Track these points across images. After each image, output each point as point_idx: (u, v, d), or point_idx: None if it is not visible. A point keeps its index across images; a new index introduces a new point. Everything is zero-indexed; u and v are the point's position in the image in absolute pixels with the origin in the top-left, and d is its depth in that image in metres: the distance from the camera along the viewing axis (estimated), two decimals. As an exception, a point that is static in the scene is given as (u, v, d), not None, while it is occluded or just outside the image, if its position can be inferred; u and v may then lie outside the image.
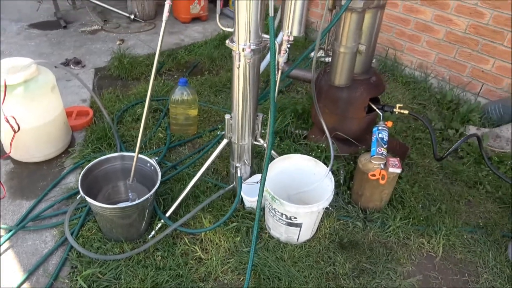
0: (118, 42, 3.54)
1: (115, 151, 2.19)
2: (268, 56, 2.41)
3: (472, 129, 2.58)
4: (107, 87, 2.89)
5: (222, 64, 3.22)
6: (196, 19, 4.05)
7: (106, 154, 1.88)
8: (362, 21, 1.78)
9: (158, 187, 1.72)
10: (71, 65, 3.14)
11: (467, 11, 2.78)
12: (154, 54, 3.34)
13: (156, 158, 1.92)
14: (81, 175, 1.71)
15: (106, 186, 1.91)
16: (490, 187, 2.18)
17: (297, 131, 2.39)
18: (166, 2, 1.39)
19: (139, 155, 1.81)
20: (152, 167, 1.83)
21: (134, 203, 1.62)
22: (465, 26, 2.82)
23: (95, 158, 1.85)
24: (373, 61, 3.25)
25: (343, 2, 1.67)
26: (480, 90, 2.89)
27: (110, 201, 1.89)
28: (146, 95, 2.73)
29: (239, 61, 1.52)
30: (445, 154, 1.89)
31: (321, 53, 1.99)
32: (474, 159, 2.33)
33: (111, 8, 4.02)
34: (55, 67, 2.36)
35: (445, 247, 1.84)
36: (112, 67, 3.10)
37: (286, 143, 2.26)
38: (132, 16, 3.93)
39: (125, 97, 2.75)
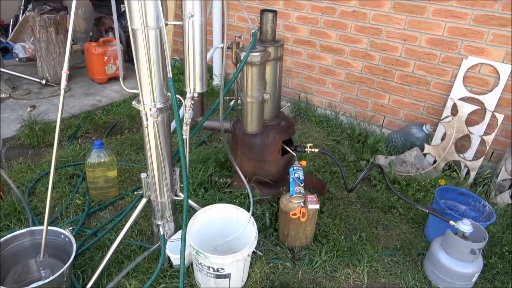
0: (28, 109, 3.38)
1: (27, 226, 2.03)
2: (180, 112, 2.47)
3: (381, 158, 2.82)
4: (17, 158, 2.71)
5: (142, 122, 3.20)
6: (113, 79, 4.03)
7: (16, 231, 1.73)
8: (264, 73, 1.92)
9: (77, 259, 1.62)
10: (-26, 138, 2.91)
11: (360, 55, 3.14)
12: (69, 118, 3.26)
13: (71, 228, 1.81)
14: (-17, 259, 1.56)
15: (15, 267, 1.74)
16: (402, 210, 2.37)
17: (221, 180, 2.42)
18: (63, 72, 1.38)
19: (51, 228, 1.70)
20: (67, 239, 1.72)
21: (45, 281, 1.50)
22: (360, 67, 3.17)
23: (2, 237, 1.69)
24: (288, 105, 3.49)
25: (242, 55, 1.81)
26: (383, 122, 3.21)
27: (20, 284, 1.72)
28: (61, 161, 2.62)
29: (147, 120, 1.54)
30: (353, 186, 2.04)
31: (234, 103, 2.10)
32: (385, 186, 2.54)
33: (20, 74, 3.86)
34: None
35: (370, 274, 1.94)
36: (22, 136, 2.93)
37: (210, 193, 2.27)
38: (44, 81, 3.80)
39: (38, 166, 2.60)
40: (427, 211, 2.04)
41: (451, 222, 1.85)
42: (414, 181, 2.56)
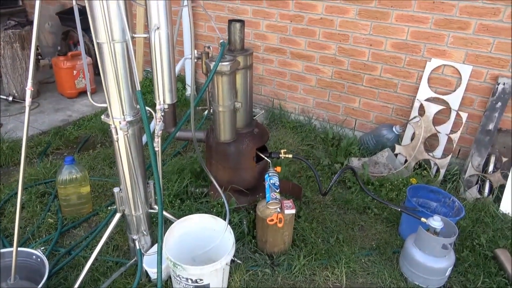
0: (-5, 128, 3.27)
1: (-4, 249, 1.96)
2: (152, 124, 2.46)
3: (354, 160, 2.88)
4: (-17, 178, 2.61)
5: (115, 135, 3.16)
6: (83, 93, 3.96)
7: (-17, 255, 1.67)
8: (234, 82, 1.94)
9: (50, 279, 1.57)
10: None
11: (329, 61, 3.21)
12: (39, 134, 3.18)
13: (43, 248, 1.76)
14: None
15: (-16, 292, 1.67)
16: (377, 210, 2.43)
17: (197, 190, 2.41)
18: (27, 88, 1.36)
19: (21, 249, 1.65)
20: (39, 259, 1.67)
21: (16, 305, 1.45)
22: (330, 73, 3.24)
23: (-32, 262, 1.63)
24: (262, 112, 3.52)
25: (211, 65, 1.83)
26: (355, 125, 3.29)
27: (-10, 310, 1.65)
28: (31, 180, 2.55)
29: (117, 134, 1.53)
30: (327, 189, 2.08)
31: (208, 112, 2.11)
32: (360, 187, 2.59)
33: (-16, 92, 3.74)
34: None
35: (348, 275, 1.97)
36: (-12, 156, 2.83)
37: (187, 204, 2.26)
38: (10, 98, 3.69)
39: (6, 186, 2.52)
40: (400, 210, 2.10)
41: (423, 219, 1.91)
42: (387, 181, 2.63)
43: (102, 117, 1.58)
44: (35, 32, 1.36)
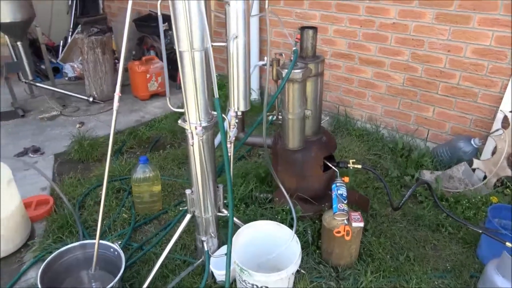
0: (77, 126, 3.57)
1: (78, 239, 2.13)
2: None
3: (426, 174, 2.72)
4: (68, 172, 2.85)
5: (183, 137, 3.29)
6: (155, 95, 4.18)
7: (68, 244, 1.82)
8: (304, 89, 1.92)
9: (125, 272, 1.67)
10: (30, 154, 3.10)
11: (401, 67, 3.07)
12: (115, 133, 3.39)
13: (119, 242, 1.88)
14: (40, 270, 1.65)
15: (68, 278, 1.82)
16: (452, 229, 2.26)
17: (261, 195, 2.43)
18: (115, 94, 1.46)
19: (102, 242, 1.77)
20: (116, 252, 1.79)
21: (97, 294, 1.55)
22: (402, 80, 3.10)
23: (57, 249, 1.79)
24: (327, 118, 3.45)
25: (283, 72, 1.83)
26: (427, 135, 3.10)
27: (73, 295, 1.79)
28: (109, 176, 2.73)
29: (193, 139, 1.58)
30: (400, 204, 1.97)
31: (273, 117, 2.11)
32: (433, 203, 2.43)
33: (69, 93, 4.09)
34: (13, 157, 2.34)
35: (418, 296, 1.86)
36: (72, 151, 3.09)
37: (251, 208, 2.28)
38: (91, 99, 4.01)
39: (87, 180, 2.73)
40: (480, 231, 1.94)
41: (508, 244, 1.74)
42: (463, 198, 2.44)
43: (179, 121, 1.64)
44: (125, 43, 1.45)
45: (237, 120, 1.55)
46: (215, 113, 1.62)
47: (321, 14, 3.40)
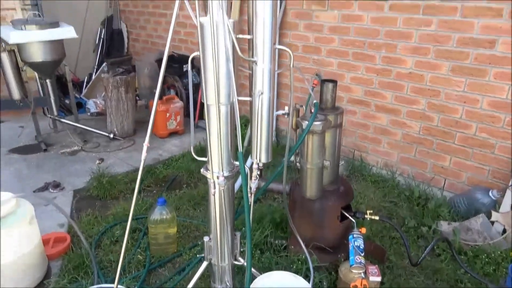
0: (97, 162, 3.66)
1: (93, 280, 2.14)
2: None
3: (443, 224, 2.68)
4: (85, 209, 2.90)
5: (199, 176, 3.34)
6: (173, 133, 4.29)
7: (82, 285, 1.83)
8: (324, 140, 1.97)
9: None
10: (50, 189, 3.18)
11: (417, 116, 3.11)
12: (133, 171, 3.47)
13: (134, 285, 1.88)
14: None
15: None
16: (471, 285, 2.20)
17: (276, 242, 2.42)
18: (144, 144, 1.52)
19: (120, 286, 1.78)
20: (131, 298, 1.79)
21: None
22: (418, 128, 3.13)
23: (71, 291, 1.80)
24: (342, 163, 3.47)
25: (304, 124, 1.88)
26: (444, 184, 3.09)
27: None
28: (125, 215, 2.77)
29: (214, 188, 1.62)
30: (419, 261, 1.94)
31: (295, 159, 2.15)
32: (451, 256, 2.39)
33: (91, 129, 4.23)
34: (34, 192, 2.40)
35: None
36: (91, 188, 3.15)
37: (266, 256, 2.27)
38: (112, 135, 4.13)
39: (104, 218, 2.76)
40: (501, 290, 1.89)
41: (532, 307, 1.69)
42: (482, 252, 2.39)
43: (202, 170, 1.69)
44: (159, 88, 1.54)
45: (258, 172, 1.59)
46: (237, 163, 1.67)
47: (338, 61, 3.51)
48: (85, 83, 5.69)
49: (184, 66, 4.81)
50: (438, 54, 2.88)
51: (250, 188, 1.61)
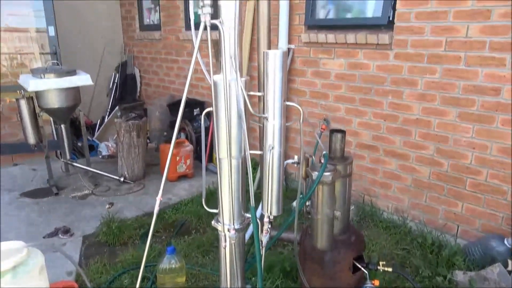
0: (107, 206, 3.67)
1: (99, 333, 2.09)
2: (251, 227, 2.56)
3: (459, 274, 2.60)
4: (94, 256, 2.88)
5: (208, 221, 3.32)
6: (182, 176, 4.32)
7: None
8: (333, 191, 1.97)
9: None
10: (60, 234, 3.18)
11: (426, 161, 3.11)
12: (142, 215, 3.47)
13: None
14: None
15: None
16: None
17: (287, 292, 2.37)
18: (157, 198, 1.54)
19: None
20: None
21: None
22: (428, 173, 3.12)
23: None
24: (352, 207, 3.44)
25: (314, 174, 1.90)
26: (457, 231, 3.03)
27: None
28: (134, 262, 2.74)
29: (225, 241, 1.62)
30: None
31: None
32: (468, 308, 2.31)
33: (102, 172, 4.28)
34: (43, 237, 2.40)
35: None
36: (100, 233, 3.15)
37: (277, 307, 2.21)
38: (122, 179, 4.17)
39: (112, 266, 2.74)
40: None
41: None
42: (501, 304, 2.30)
43: (213, 222, 1.70)
44: (176, 129, 1.58)
45: (269, 226, 1.59)
46: (248, 215, 1.68)
47: (345, 107, 3.58)
48: (97, 126, 5.84)
49: (194, 110, 4.94)
50: (444, 101, 2.93)
51: (261, 241, 1.60)
